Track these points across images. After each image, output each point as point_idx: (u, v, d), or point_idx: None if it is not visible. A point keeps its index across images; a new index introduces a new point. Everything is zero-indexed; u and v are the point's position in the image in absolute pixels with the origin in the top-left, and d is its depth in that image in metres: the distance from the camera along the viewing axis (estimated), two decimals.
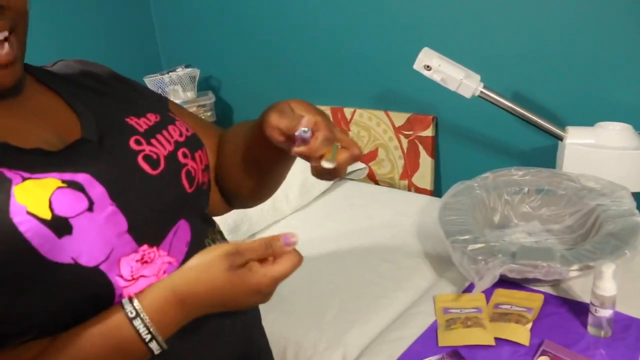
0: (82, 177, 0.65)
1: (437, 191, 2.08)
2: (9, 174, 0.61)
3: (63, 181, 0.63)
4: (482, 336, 1.07)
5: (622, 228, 1.19)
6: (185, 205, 0.74)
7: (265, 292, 0.67)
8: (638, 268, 1.21)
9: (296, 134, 0.68)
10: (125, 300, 0.64)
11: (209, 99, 2.53)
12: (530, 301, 1.16)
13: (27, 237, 0.59)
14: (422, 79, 1.56)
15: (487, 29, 1.82)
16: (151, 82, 2.48)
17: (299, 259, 0.68)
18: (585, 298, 1.09)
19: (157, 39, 2.82)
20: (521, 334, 1.08)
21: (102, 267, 0.64)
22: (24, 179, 0.61)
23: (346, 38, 2.15)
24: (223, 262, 0.65)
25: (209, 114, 2.54)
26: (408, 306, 1.20)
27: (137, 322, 0.63)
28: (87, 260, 0.63)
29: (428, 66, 1.54)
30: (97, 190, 0.65)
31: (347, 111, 2.22)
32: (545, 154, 1.73)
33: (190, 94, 2.50)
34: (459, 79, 1.52)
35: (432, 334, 1.10)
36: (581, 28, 1.67)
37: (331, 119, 2.25)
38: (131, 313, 0.63)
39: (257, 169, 0.87)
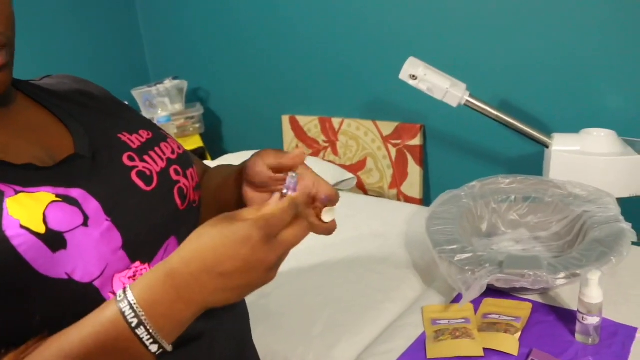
0: (76, 192, 0.64)
1: (426, 200, 2.08)
2: (1, 187, 0.60)
3: (57, 195, 0.62)
4: (470, 347, 1.07)
5: (607, 234, 1.19)
6: (176, 222, 0.74)
7: (277, 265, 0.59)
8: (624, 274, 1.22)
9: (287, 178, 0.65)
10: (124, 306, 0.55)
11: (197, 110, 2.53)
12: (519, 310, 1.16)
13: (21, 252, 0.57)
14: (409, 88, 1.56)
15: (473, 38, 1.83)
16: (139, 94, 2.48)
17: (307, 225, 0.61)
18: (573, 305, 1.09)
19: (144, 51, 2.82)
20: (510, 343, 1.07)
21: (96, 284, 0.63)
22: (17, 192, 0.60)
23: (333, 48, 2.16)
24: (255, 232, 0.56)
25: (197, 125, 2.54)
26: (396, 317, 1.19)
27: (123, 305, 0.55)
28: (81, 276, 0.61)
29: (414, 75, 1.54)
30: (92, 205, 0.64)
31: (335, 121, 2.22)
32: (532, 161, 1.74)
33: (178, 106, 2.50)
34: (444, 88, 1.53)
35: (420, 345, 1.09)
36: (565, 36, 1.68)
37: (319, 129, 2.26)
38: (120, 296, 0.56)
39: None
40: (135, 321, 0.55)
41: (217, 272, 0.55)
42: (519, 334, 1.09)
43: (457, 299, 1.21)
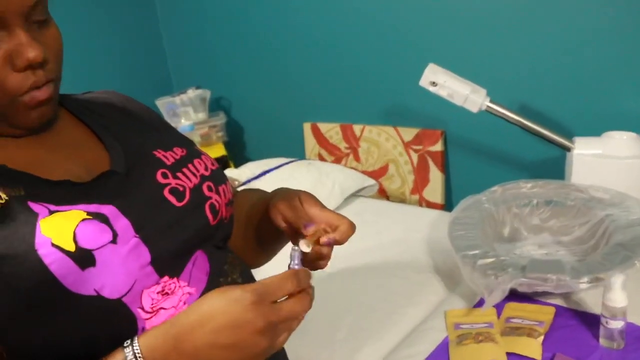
0: (107, 209, 0.65)
1: (448, 205, 2.08)
2: (35, 207, 0.62)
3: (88, 213, 0.64)
4: (493, 351, 1.07)
5: (631, 238, 1.19)
6: (206, 237, 0.76)
7: (268, 331, 0.61)
8: None
9: (290, 251, 0.72)
10: (128, 352, 0.61)
11: (221, 119, 2.57)
12: (542, 314, 1.16)
13: (52, 270, 0.59)
14: (429, 94, 1.57)
15: (494, 43, 1.83)
16: (162, 104, 2.52)
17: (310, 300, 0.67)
18: (597, 309, 1.09)
19: (167, 62, 2.87)
20: (533, 348, 1.08)
21: (125, 300, 0.65)
22: (51, 212, 0.62)
23: (353, 55, 2.18)
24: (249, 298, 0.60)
25: (220, 134, 2.57)
26: (419, 322, 1.20)
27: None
28: (109, 293, 0.63)
29: (434, 82, 1.56)
30: (121, 222, 0.65)
31: (357, 128, 2.24)
32: (555, 165, 1.74)
33: (201, 115, 2.54)
34: (465, 94, 1.54)
35: (443, 350, 1.10)
36: (586, 38, 1.68)
37: (341, 135, 2.28)
38: (128, 352, 0.61)
39: (257, 237, 0.91)
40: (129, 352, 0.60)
41: (209, 327, 0.60)
42: (542, 338, 1.10)
43: (480, 303, 1.22)
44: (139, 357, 0.60)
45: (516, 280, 1.11)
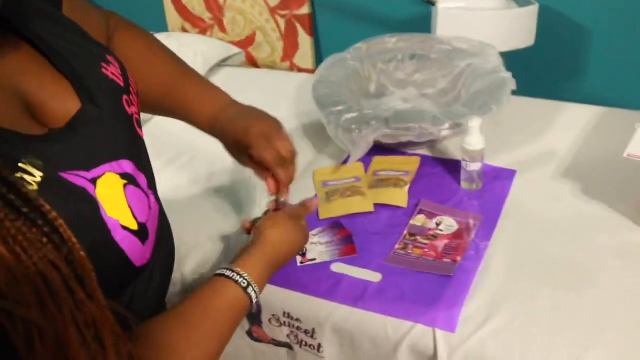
0: (127, 166, 0.63)
1: None
2: (72, 178, 0.55)
3: (121, 176, 0.61)
4: (360, 204, 1.08)
5: (489, 84, 1.21)
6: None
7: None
8: (505, 123, 1.25)
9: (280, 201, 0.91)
10: (233, 274, 0.71)
11: None
12: (407, 164, 1.18)
13: (126, 252, 0.59)
14: None
15: None
16: None
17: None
18: (459, 156, 1.11)
19: None
20: (399, 196, 1.09)
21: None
22: (92, 182, 0.57)
23: None
24: (290, 224, 0.82)
25: None
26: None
27: (250, 290, 0.71)
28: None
29: None
30: (141, 180, 0.64)
31: None
32: (423, 22, 1.71)
33: None
34: None
35: None
36: None
37: (203, 6, 2.12)
38: (243, 283, 0.71)
39: (158, 107, 0.91)
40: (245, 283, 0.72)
41: (284, 242, 0.81)
42: (407, 186, 1.11)
43: (347, 159, 1.21)
44: (252, 284, 0.72)
45: (379, 132, 1.10)
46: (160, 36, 1.91)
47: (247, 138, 0.85)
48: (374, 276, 0.93)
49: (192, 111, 0.90)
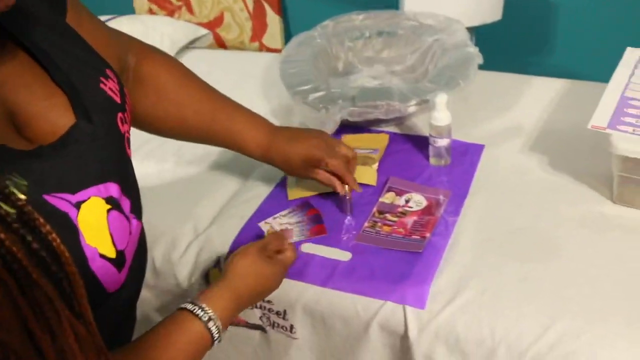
0: (113, 190, 0.61)
1: None
2: (55, 202, 0.54)
3: (106, 201, 0.59)
4: (362, 175, 1.07)
5: (455, 60, 1.21)
6: None
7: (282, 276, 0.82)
8: (473, 98, 1.25)
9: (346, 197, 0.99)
10: (195, 307, 0.70)
11: None
12: (376, 142, 1.17)
13: (101, 280, 0.58)
14: None
15: None
16: None
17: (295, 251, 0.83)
18: (428, 132, 1.11)
19: None
20: (368, 174, 1.09)
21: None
22: (76, 206, 0.56)
23: None
24: (261, 256, 0.78)
25: None
26: (257, 165, 1.16)
27: (211, 324, 0.69)
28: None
29: None
30: (125, 204, 0.63)
31: None
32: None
33: None
34: None
35: (281, 190, 1.09)
36: None
37: None
38: (204, 317, 0.69)
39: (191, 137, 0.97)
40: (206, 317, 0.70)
41: (251, 276, 0.78)
42: (376, 165, 1.11)
43: None
44: (215, 319, 0.70)
45: (347, 110, 1.09)
46: (125, 19, 1.88)
47: (317, 153, 0.95)
48: (344, 255, 0.93)
49: (241, 140, 0.98)
